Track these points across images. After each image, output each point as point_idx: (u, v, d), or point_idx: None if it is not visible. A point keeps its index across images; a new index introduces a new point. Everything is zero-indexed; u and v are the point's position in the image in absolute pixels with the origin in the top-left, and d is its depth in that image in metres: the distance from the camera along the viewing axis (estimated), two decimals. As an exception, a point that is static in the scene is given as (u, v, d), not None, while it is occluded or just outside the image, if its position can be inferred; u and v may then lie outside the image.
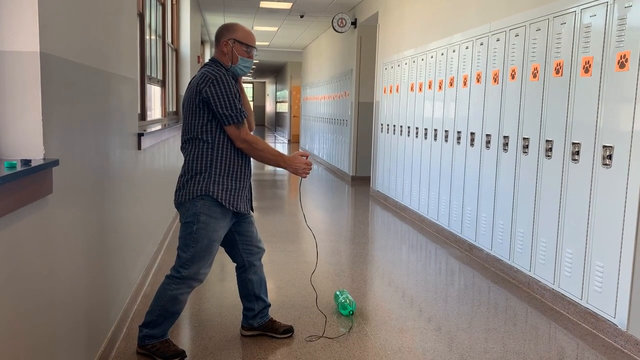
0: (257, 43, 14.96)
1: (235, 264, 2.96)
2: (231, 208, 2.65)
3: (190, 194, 2.61)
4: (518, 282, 4.04)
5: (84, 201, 2.32)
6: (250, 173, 2.79)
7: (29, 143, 1.77)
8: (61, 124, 1.99)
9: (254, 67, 23.50)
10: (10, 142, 1.76)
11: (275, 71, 25.47)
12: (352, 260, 4.66)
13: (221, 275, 4.10)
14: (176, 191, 2.68)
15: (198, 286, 2.77)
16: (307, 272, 4.16)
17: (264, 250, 2.99)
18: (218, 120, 2.60)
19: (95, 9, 2.52)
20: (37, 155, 1.78)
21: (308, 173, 2.77)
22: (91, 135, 2.43)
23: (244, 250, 2.88)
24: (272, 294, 3.66)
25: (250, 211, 2.86)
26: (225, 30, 2.72)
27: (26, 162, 1.64)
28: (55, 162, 1.82)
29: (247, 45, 2.71)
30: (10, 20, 1.73)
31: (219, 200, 2.61)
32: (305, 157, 2.76)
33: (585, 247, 3.29)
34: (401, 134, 6.79)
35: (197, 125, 2.61)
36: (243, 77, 2.98)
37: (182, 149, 2.71)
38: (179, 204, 2.66)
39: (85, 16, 2.35)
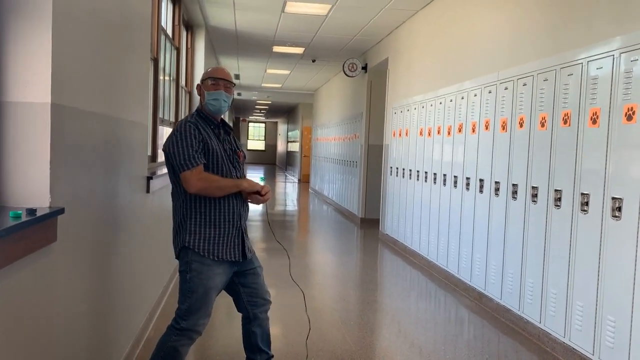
0: (269, 85, 14.82)
1: (240, 314, 2.91)
2: (212, 257, 2.59)
3: (176, 246, 2.67)
4: (528, 333, 3.94)
5: (88, 246, 2.32)
6: (239, 217, 2.68)
7: (36, 191, 1.79)
8: (69, 171, 2.02)
9: (265, 107, 23.62)
10: (18, 190, 1.78)
11: (287, 112, 25.80)
12: (360, 307, 4.59)
13: (227, 321, 4.05)
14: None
15: (198, 338, 2.70)
16: (314, 320, 4.09)
17: (270, 302, 2.90)
18: None
19: (109, 58, 2.58)
20: (43, 203, 1.80)
21: (268, 197, 2.69)
22: (100, 180, 2.46)
23: (248, 302, 2.82)
24: (276, 342, 3.59)
25: (246, 258, 2.73)
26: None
27: (31, 212, 1.65)
28: (61, 211, 1.83)
29: (212, 78, 2.69)
30: (24, 71, 1.78)
31: (196, 250, 2.58)
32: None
33: (596, 300, 3.22)
34: (410, 178, 6.79)
35: (173, 179, 2.64)
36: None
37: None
38: (176, 256, 2.71)
39: (98, 65, 2.40)
